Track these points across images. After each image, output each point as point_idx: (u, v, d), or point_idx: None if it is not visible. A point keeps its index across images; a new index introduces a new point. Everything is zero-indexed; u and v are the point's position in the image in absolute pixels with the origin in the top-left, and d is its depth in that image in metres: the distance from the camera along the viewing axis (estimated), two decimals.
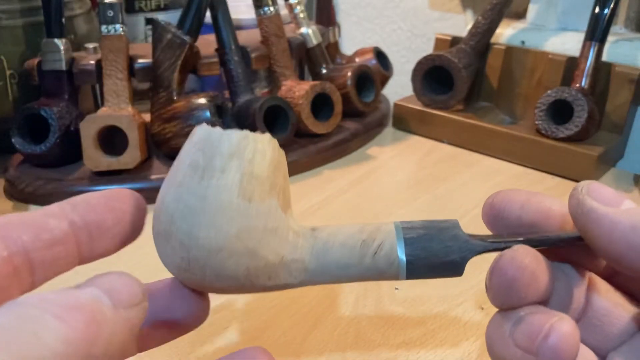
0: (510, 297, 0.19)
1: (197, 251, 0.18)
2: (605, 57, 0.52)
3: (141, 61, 0.49)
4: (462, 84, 0.56)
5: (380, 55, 0.63)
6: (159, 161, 0.48)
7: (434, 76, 0.58)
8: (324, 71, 0.58)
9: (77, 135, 0.44)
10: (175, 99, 0.47)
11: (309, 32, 0.57)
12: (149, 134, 0.47)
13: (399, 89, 0.70)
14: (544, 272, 0.19)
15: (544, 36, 0.58)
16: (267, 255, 0.19)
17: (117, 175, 0.45)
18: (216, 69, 0.51)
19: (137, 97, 0.53)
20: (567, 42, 0.56)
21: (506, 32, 0.60)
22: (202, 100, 0.46)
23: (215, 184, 0.18)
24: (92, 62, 0.48)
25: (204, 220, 0.18)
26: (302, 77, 0.64)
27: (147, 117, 0.48)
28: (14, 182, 0.45)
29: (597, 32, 0.51)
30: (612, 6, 0.50)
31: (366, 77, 0.57)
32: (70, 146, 0.45)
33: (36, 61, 0.48)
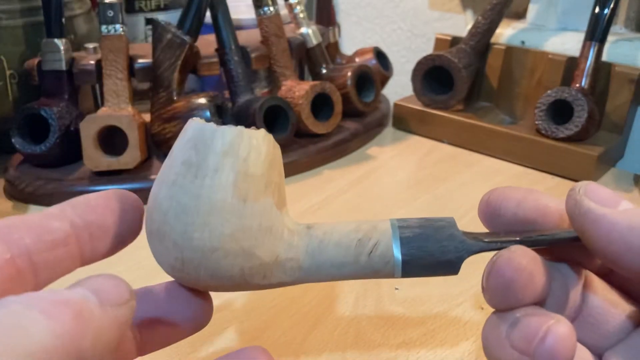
0: (507, 298, 0.19)
1: (191, 252, 0.18)
2: (605, 57, 0.52)
3: (141, 61, 0.49)
4: (462, 84, 0.56)
5: (380, 55, 0.63)
6: (159, 161, 0.48)
7: (434, 76, 0.58)
8: (324, 71, 0.58)
9: (77, 135, 0.44)
10: (175, 99, 0.47)
11: (309, 32, 0.57)
12: (149, 134, 0.47)
13: (399, 89, 0.70)
14: (541, 273, 0.19)
15: (544, 36, 0.58)
16: (261, 254, 0.19)
17: (117, 175, 0.45)
18: (216, 69, 0.51)
19: (137, 97, 0.53)
20: (567, 42, 0.56)
21: (506, 32, 0.60)
22: (202, 100, 0.46)
23: (209, 183, 0.18)
24: (92, 62, 0.48)
25: (198, 220, 0.18)
26: (302, 77, 0.64)
27: (147, 117, 0.48)
28: (14, 182, 0.45)
29: (597, 32, 0.51)
30: (612, 6, 0.50)
31: (366, 77, 0.57)
32: (70, 146, 0.45)
33: (36, 61, 0.48)
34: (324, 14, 0.66)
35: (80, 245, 0.18)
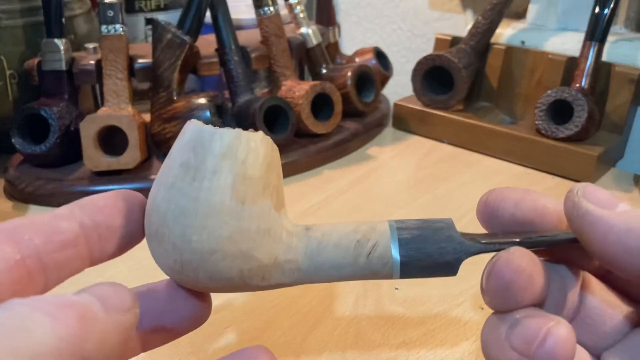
0: (506, 300, 0.19)
1: (190, 254, 0.18)
2: (605, 57, 0.52)
3: (141, 61, 0.49)
4: (462, 84, 0.56)
5: (380, 55, 0.63)
6: (159, 161, 0.48)
7: (434, 76, 0.58)
8: (324, 71, 0.58)
9: (77, 135, 0.44)
10: (175, 99, 0.47)
11: (309, 32, 0.57)
12: (149, 134, 0.48)
13: (399, 89, 0.70)
14: (540, 274, 0.19)
15: (544, 36, 0.58)
16: (260, 256, 0.19)
17: (117, 175, 0.45)
18: (216, 69, 0.51)
19: (137, 97, 0.53)
20: (567, 42, 0.56)
21: (506, 32, 0.60)
22: (202, 100, 0.46)
23: (207, 185, 0.18)
24: (92, 62, 0.48)
25: (197, 222, 0.18)
26: (302, 77, 0.64)
27: (147, 117, 0.48)
28: (14, 182, 0.45)
29: (597, 32, 0.51)
30: (612, 6, 0.50)
31: (366, 77, 0.57)
32: (70, 146, 0.45)
33: (36, 61, 0.48)
34: (324, 14, 0.66)
35: (89, 245, 0.19)
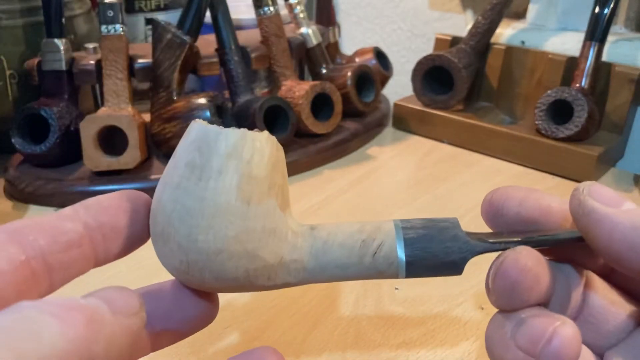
0: (513, 299, 0.19)
1: (196, 254, 0.18)
2: (605, 57, 0.52)
3: (141, 61, 0.49)
4: (462, 84, 0.56)
5: (380, 55, 0.63)
6: (159, 161, 0.48)
7: (434, 76, 0.58)
8: (324, 71, 0.58)
9: (77, 135, 0.44)
10: (175, 99, 0.47)
11: (309, 32, 0.57)
12: (149, 134, 0.47)
13: (399, 89, 0.70)
14: (546, 274, 0.19)
15: (544, 36, 0.58)
16: (266, 256, 0.19)
17: (117, 175, 0.45)
18: (216, 69, 0.51)
19: (137, 97, 0.53)
20: (567, 42, 0.56)
21: (506, 32, 0.60)
22: (202, 100, 0.46)
23: (213, 185, 0.18)
24: (92, 62, 0.48)
25: (202, 222, 0.18)
26: (302, 77, 0.64)
27: (147, 117, 0.48)
28: (14, 182, 0.45)
29: (597, 32, 0.51)
30: (612, 6, 0.50)
31: (366, 77, 0.57)
32: (70, 146, 0.45)
33: (36, 61, 0.48)
34: (324, 14, 0.66)
35: (93, 246, 0.19)
